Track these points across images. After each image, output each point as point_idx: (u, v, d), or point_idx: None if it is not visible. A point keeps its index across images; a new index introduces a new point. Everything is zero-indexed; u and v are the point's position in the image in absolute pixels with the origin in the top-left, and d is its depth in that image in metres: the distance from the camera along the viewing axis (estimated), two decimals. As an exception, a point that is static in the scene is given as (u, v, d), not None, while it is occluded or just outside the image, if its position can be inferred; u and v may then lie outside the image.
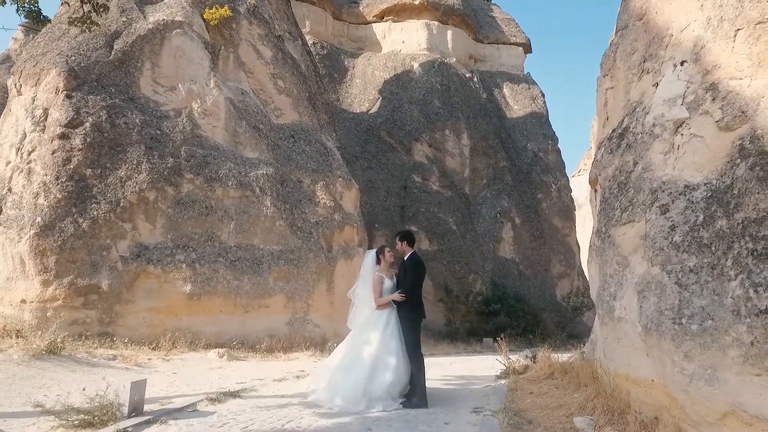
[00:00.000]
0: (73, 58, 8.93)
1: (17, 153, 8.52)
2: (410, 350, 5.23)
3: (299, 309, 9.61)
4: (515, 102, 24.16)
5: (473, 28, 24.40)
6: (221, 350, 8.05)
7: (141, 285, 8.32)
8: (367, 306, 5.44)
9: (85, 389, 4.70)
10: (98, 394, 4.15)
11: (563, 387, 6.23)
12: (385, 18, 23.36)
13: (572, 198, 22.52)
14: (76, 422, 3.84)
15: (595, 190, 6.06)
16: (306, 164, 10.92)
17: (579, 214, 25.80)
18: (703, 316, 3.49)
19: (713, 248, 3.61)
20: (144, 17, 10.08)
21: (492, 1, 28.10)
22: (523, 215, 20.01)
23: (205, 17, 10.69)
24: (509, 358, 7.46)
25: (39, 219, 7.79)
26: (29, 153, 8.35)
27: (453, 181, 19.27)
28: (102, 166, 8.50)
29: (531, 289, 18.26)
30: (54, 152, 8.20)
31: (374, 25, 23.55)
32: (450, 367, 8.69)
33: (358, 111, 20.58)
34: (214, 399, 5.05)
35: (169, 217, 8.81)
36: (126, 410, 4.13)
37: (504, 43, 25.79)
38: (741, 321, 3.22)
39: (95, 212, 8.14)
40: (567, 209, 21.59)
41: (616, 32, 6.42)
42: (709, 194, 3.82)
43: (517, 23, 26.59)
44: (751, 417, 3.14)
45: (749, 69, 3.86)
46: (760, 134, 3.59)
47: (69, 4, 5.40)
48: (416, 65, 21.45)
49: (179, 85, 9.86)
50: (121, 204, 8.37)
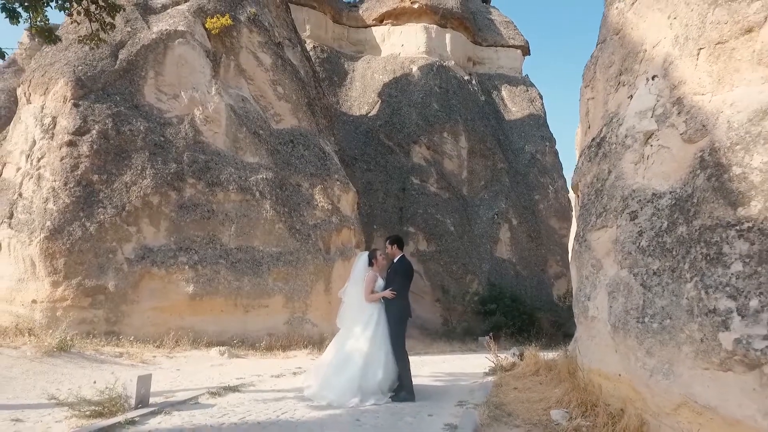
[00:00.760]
0: (80, 68, 9.30)
1: (27, 159, 8.92)
2: (397, 347, 5.57)
3: (298, 309, 9.97)
4: (513, 104, 24.44)
5: (472, 31, 24.68)
6: (222, 348, 8.42)
7: (146, 286, 8.69)
8: (357, 305, 5.78)
9: (96, 383, 5.06)
10: (107, 387, 4.50)
11: (546, 383, 6.54)
12: (385, 21, 23.65)
13: (569, 199, 22.78)
14: (88, 413, 4.18)
15: (578, 196, 6.39)
16: (305, 168, 11.27)
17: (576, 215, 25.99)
18: (663, 316, 3.78)
19: (674, 253, 3.90)
20: (148, 27, 10.45)
21: (491, 4, 28.38)
22: (521, 216, 20.31)
23: (207, 26, 11.04)
24: (498, 356, 7.79)
25: (48, 223, 8.18)
26: (39, 159, 8.74)
27: (451, 183, 19.59)
28: (108, 172, 8.88)
29: (527, 289, 18.57)
30: (62, 159, 8.59)
31: (374, 29, 23.85)
32: (442, 365, 9.02)
33: (358, 114, 20.91)
34: (215, 393, 5.39)
35: (173, 221, 9.19)
36: (133, 402, 4.48)
37: (502, 46, 26.06)
38: (693, 320, 3.51)
39: (102, 216, 8.52)
40: (564, 210, 21.88)
41: (597, 45, 6.73)
42: (673, 202, 4.10)
43: (516, 26, 26.85)
44: (701, 407, 3.43)
45: (710, 85, 4.15)
46: (718, 147, 3.89)
47: (78, 22, 5.75)
48: (415, 68, 21.75)
49: (182, 93, 10.23)
50: (127, 208, 8.75)
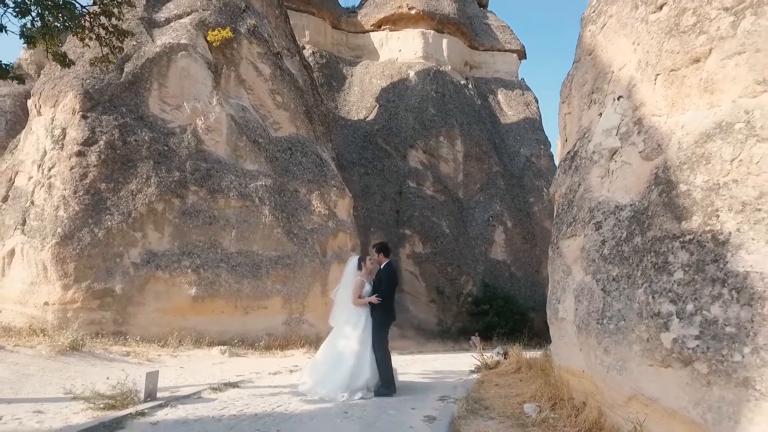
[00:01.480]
0: (88, 81, 9.78)
1: (38, 169, 9.41)
2: (381, 347, 6.03)
3: (295, 310, 10.43)
4: (509, 108, 24.87)
5: (468, 36, 25.10)
6: (223, 348, 8.89)
7: (151, 288, 9.17)
8: (348, 306, 6.24)
9: (109, 378, 5.53)
10: (119, 383, 4.97)
11: (526, 380, 6.99)
12: (383, 27, 24.07)
13: (564, 201, 23.11)
14: (102, 405, 4.64)
15: (555, 205, 6.83)
16: (302, 175, 11.73)
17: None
18: (619, 318, 4.21)
19: (630, 261, 4.34)
20: (152, 40, 10.92)
21: (487, 9, 28.78)
22: (515, 218, 20.74)
23: (208, 39, 11.51)
24: (483, 355, 8.24)
25: (59, 230, 8.66)
26: (49, 169, 9.23)
27: (447, 186, 20.04)
28: (115, 181, 9.36)
29: (521, 290, 19.00)
30: (72, 168, 9.07)
31: (372, 34, 24.27)
32: (433, 363, 9.47)
33: (356, 118, 21.37)
34: (216, 388, 5.85)
35: (176, 227, 9.66)
36: (142, 396, 4.96)
37: (499, 50, 26.47)
38: (642, 321, 3.95)
39: (109, 223, 9.00)
40: (558, 212, 22.23)
41: (573, 64, 7.16)
42: (632, 214, 4.54)
43: (512, 30, 27.25)
44: (647, 399, 3.88)
45: (666, 108, 4.58)
46: (669, 165, 4.32)
47: (89, 45, 6.21)
48: (412, 73, 22.20)
49: (184, 104, 10.70)
50: (132, 215, 9.23)
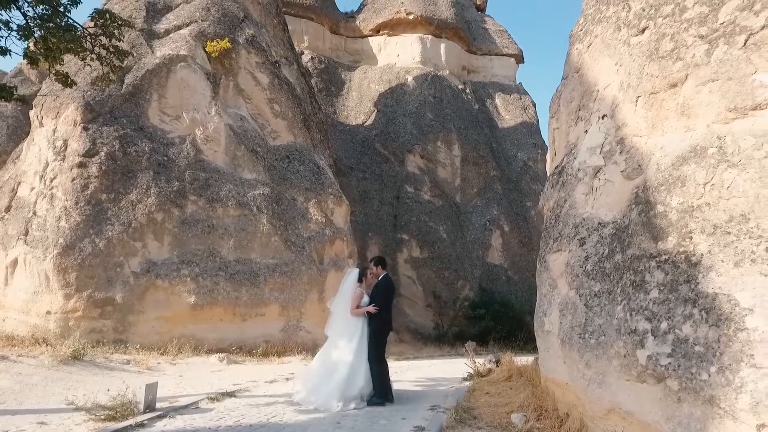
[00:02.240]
0: (89, 93, 9.97)
1: (41, 180, 9.60)
2: (378, 357, 6.21)
3: (293, 317, 10.62)
4: (507, 112, 25.05)
5: (466, 41, 25.27)
6: (221, 355, 9.07)
7: (150, 297, 9.36)
8: (344, 317, 6.42)
9: (109, 390, 5.71)
10: (119, 394, 5.15)
11: (516, 388, 7.14)
12: (381, 32, 24.24)
13: (561, 205, 23.28)
14: (102, 416, 4.82)
15: (544, 218, 7.00)
16: (300, 183, 11.92)
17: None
18: (599, 333, 4.38)
19: (611, 277, 4.50)
20: (152, 52, 11.11)
21: (485, 13, 28.95)
22: (512, 222, 20.92)
23: (207, 50, 11.69)
24: (475, 363, 8.40)
25: (61, 240, 8.86)
26: (51, 180, 9.42)
27: (444, 191, 20.21)
28: (115, 191, 9.55)
29: (518, 294, 19.17)
30: (73, 180, 9.27)
31: (370, 39, 24.45)
32: (427, 370, 9.64)
33: (354, 123, 21.56)
34: (213, 398, 6.03)
35: (175, 236, 9.85)
36: (141, 407, 5.14)
37: (496, 55, 26.65)
38: (620, 338, 4.11)
39: (110, 233, 9.20)
40: (555, 216, 22.41)
41: (562, 80, 7.33)
42: (614, 232, 4.69)
43: (510, 34, 27.41)
44: (624, 412, 4.04)
45: (646, 129, 4.74)
46: (648, 186, 4.48)
47: (90, 65, 6.41)
48: (410, 78, 22.37)
49: (183, 114, 10.89)
50: (133, 225, 9.42)
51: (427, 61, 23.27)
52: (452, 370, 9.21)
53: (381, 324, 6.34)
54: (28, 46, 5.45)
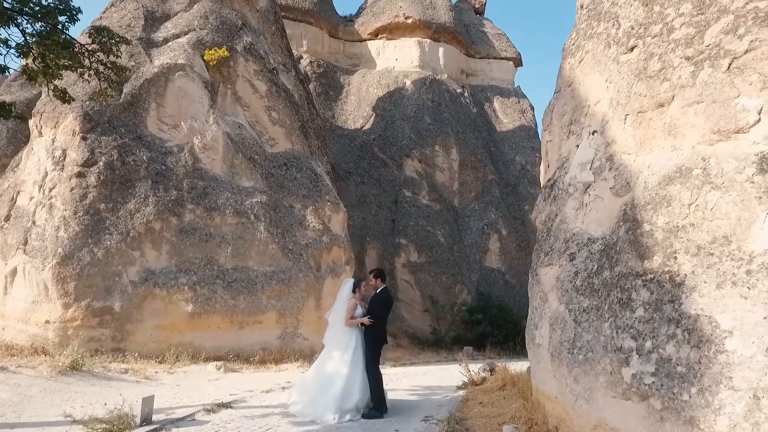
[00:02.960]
0: (88, 103, 10.05)
1: (40, 189, 9.69)
2: (372, 368, 6.29)
3: (290, 324, 10.70)
4: (505, 115, 25.13)
5: (465, 44, 25.34)
6: (219, 363, 9.15)
7: (148, 306, 9.44)
8: (340, 329, 6.50)
9: (106, 404, 5.79)
10: (116, 407, 5.23)
11: (509, 398, 7.22)
12: (380, 36, 24.31)
13: (559, 208, 23.33)
14: (100, 430, 4.91)
15: (536, 230, 7.07)
16: (297, 190, 12.00)
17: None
18: (588, 349, 4.45)
19: (600, 294, 4.56)
20: (150, 61, 11.20)
21: (484, 16, 29.02)
22: (510, 226, 21.00)
23: (205, 58, 11.77)
24: (470, 371, 8.48)
25: (60, 250, 8.94)
26: (50, 190, 9.51)
27: (442, 195, 20.29)
28: (114, 201, 9.64)
29: (516, 298, 19.24)
30: (72, 189, 9.35)
31: (369, 43, 24.51)
32: (422, 377, 9.72)
33: (353, 128, 21.64)
34: (210, 410, 6.10)
35: (173, 245, 9.93)
36: (138, 420, 5.22)
37: (495, 58, 26.72)
38: (606, 355, 4.18)
39: (108, 242, 9.28)
40: (553, 220, 22.49)
41: (554, 93, 7.40)
42: (603, 248, 4.75)
43: (508, 38, 27.48)
44: (610, 428, 4.12)
45: (634, 147, 4.80)
46: (636, 204, 4.54)
47: (89, 81, 6.50)
48: (408, 82, 22.45)
49: (182, 123, 10.97)
50: (131, 234, 9.51)
51: (426, 65, 23.35)
52: (447, 378, 9.29)
53: (376, 337, 6.42)
54: (27, 64, 5.53)
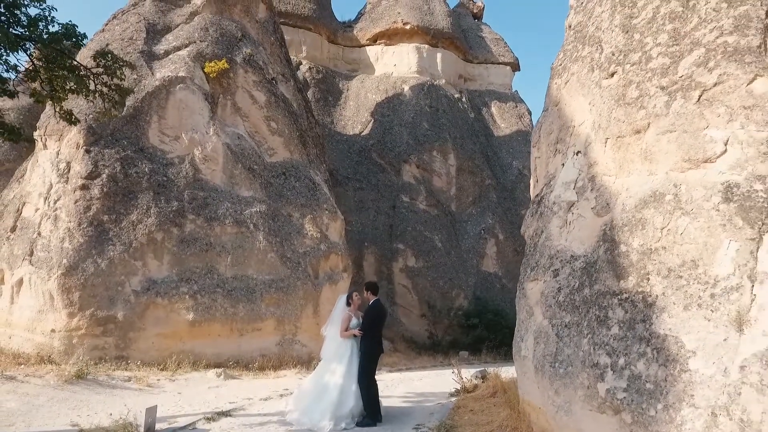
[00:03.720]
0: (91, 116, 10.31)
1: (45, 201, 9.96)
2: (367, 378, 6.56)
3: (288, 331, 10.97)
4: (502, 120, 25.36)
5: (463, 49, 25.57)
6: (219, 370, 9.42)
7: (150, 314, 9.71)
8: (336, 342, 6.78)
9: (111, 414, 6.06)
10: (121, 417, 5.50)
11: (499, 405, 7.46)
12: (378, 41, 24.54)
13: (556, 212, 23.56)
14: (106, 440, 5.19)
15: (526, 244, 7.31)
16: (296, 199, 12.26)
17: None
18: (568, 363, 4.70)
19: (580, 310, 4.81)
20: (152, 74, 11.46)
21: (482, 21, 29.25)
22: (507, 231, 21.22)
23: (206, 70, 12.03)
24: (462, 378, 8.72)
25: (65, 260, 9.21)
26: (55, 201, 9.78)
27: (439, 200, 20.53)
28: (117, 212, 9.91)
29: (512, 302, 19.23)
30: (76, 201, 9.63)
31: (368, 48, 24.74)
32: (417, 383, 9.97)
33: (351, 133, 21.89)
34: (210, 418, 6.37)
35: (174, 254, 10.20)
36: (142, 430, 5.49)
37: (493, 63, 26.92)
38: (584, 369, 4.43)
39: (111, 253, 9.55)
40: (550, 224, 22.72)
41: (542, 112, 7.65)
42: (584, 265, 4.99)
43: (506, 42, 27.70)
44: (589, 440, 4.38)
45: (614, 169, 5.04)
46: (615, 225, 4.79)
47: (93, 103, 6.76)
48: (407, 88, 22.68)
49: (182, 135, 11.24)
50: (133, 245, 9.78)
51: (424, 71, 23.58)
52: (441, 384, 9.53)
53: (371, 347, 6.69)
54: (34, 89, 5.79)
